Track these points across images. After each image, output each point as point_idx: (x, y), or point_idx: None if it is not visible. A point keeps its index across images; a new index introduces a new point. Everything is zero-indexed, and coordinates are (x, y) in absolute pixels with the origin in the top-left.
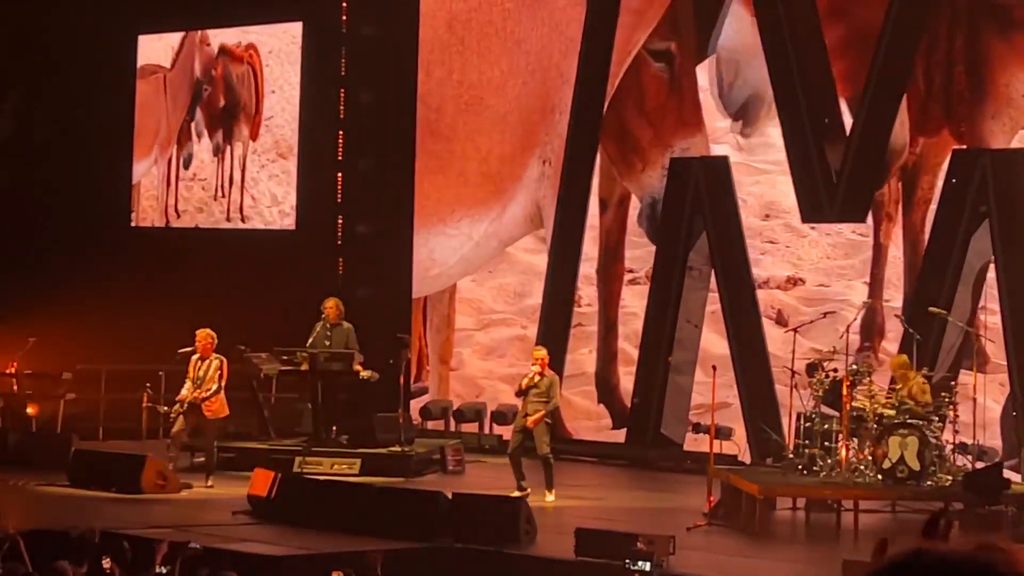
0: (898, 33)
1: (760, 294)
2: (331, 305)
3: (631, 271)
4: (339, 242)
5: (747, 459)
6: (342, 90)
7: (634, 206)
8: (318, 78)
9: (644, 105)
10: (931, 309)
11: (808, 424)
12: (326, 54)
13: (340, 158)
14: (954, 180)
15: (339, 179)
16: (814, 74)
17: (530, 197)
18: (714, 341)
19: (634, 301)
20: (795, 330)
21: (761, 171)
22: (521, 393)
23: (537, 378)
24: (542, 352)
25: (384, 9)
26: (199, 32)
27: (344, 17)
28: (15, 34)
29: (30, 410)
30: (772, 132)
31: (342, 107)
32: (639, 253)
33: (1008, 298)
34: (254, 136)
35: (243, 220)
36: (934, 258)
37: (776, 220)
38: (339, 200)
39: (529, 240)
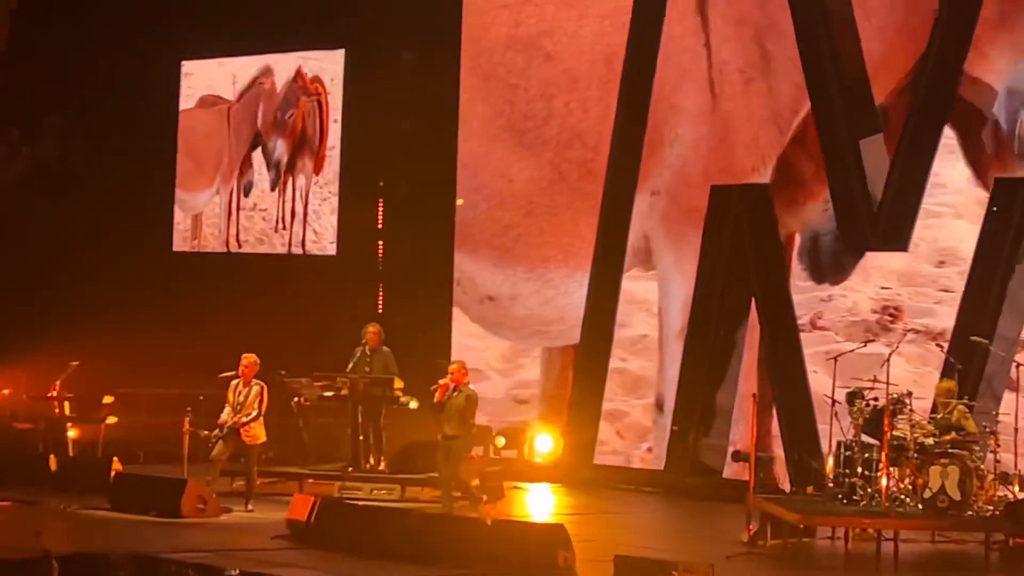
0: None
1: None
2: (372, 330)
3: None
4: (380, 267)
5: (787, 487)
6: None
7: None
8: (359, 104)
9: (806, 137)
10: (972, 338)
11: (848, 453)
12: (367, 80)
13: (382, 184)
14: (995, 208)
15: (380, 205)
16: None
17: (637, 230)
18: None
19: None
20: (835, 359)
21: (934, 213)
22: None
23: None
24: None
25: (425, 34)
26: (265, 63)
27: (385, 44)
28: (57, 57)
29: (71, 433)
30: (944, 172)
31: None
32: (801, 298)
33: None
34: (318, 169)
35: (304, 252)
36: (977, 286)
37: (952, 267)
38: (380, 226)
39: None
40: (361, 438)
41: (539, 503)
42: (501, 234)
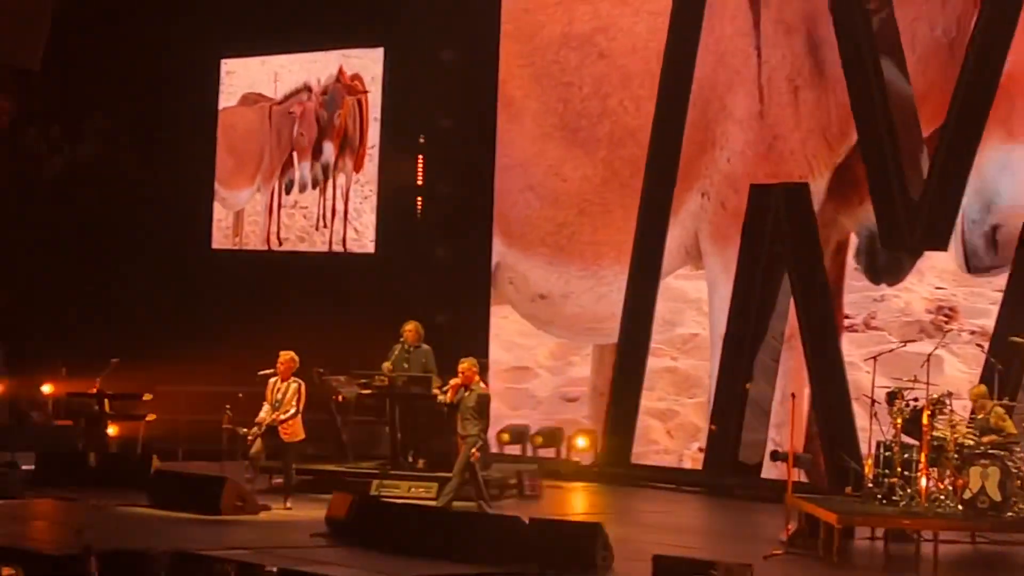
0: None
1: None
2: (410, 328)
3: (848, 317)
4: (419, 265)
5: (825, 488)
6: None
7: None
8: (399, 103)
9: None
10: (1012, 339)
11: (888, 453)
12: (407, 79)
13: (420, 183)
14: None
15: (418, 203)
16: None
17: (688, 229)
18: (792, 368)
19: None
20: (875, 358)
21: None
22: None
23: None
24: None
25: (465, 33)
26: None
27: (425, 42)
28: (98, 57)
29: (111, 430)
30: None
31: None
32: (854, 298)
33: None
34: (358, 168)
35: (345, 251)
36: (1018, 287)
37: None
38: (419, 224)
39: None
40: (399, 436)
41: (577, 502)
42: (555, 232)
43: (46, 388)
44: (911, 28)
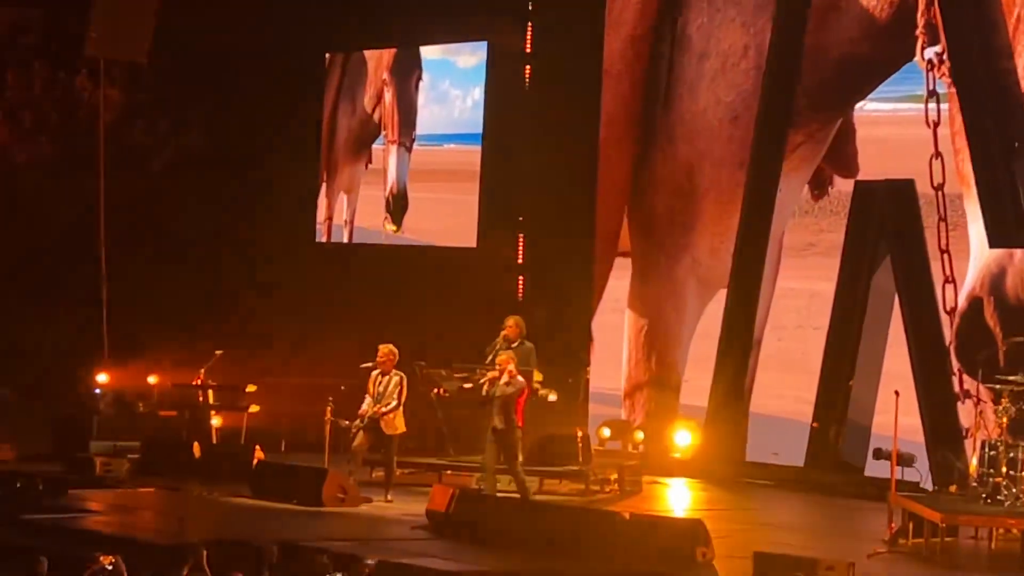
0: None
1: None
2: (512, 323)
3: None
4: (520, 260)
5: (929, 486)
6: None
7: None
8: (502, 98)
9: None
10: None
11: (993, 452)
12: (510, 74)
13: (522, 177)
14: None
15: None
16: None
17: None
18: (897, 365)
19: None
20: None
21: None
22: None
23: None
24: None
25: (569, 29)
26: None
27: (528, 36)
28: (207, 50)
29: (215, 422)
30: None
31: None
32: None
33: None
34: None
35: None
36: None
37: None
38: (520, 219)
39: None
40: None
41: (677, 498)
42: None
43: (151, 379)
44: None
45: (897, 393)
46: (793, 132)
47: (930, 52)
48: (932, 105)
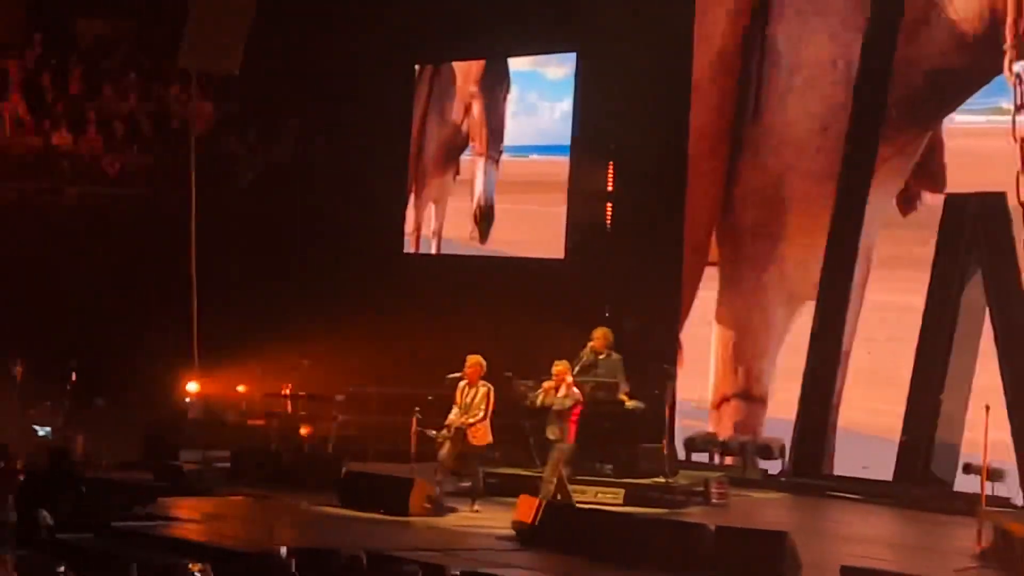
0: None
1: None
2: (600, 335)
3: None
4: (608, 271)
5: (1020, 501)
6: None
7: None
8: (590, 108)
9: None
10: None
11: None
12: (599, 85)
13: (610, 189)
14: None
15: (608, 210)
16: None
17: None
18: (986, 379)
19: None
20: None
21: None
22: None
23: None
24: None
25: (658, 40)
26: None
27: (619, 48)
28: (297, 62)
29: (303, 431)
30: None
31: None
32: None
33: None
34: None
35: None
36: None
37: None
38: (609, 231)
39: None
40: (586, 441)
41: (764, 512)
42: None
43: (240, 388)
44: None
45: (988, 408)
46: (883, 145)
47: (1018, 66)
48: (1020, 119)
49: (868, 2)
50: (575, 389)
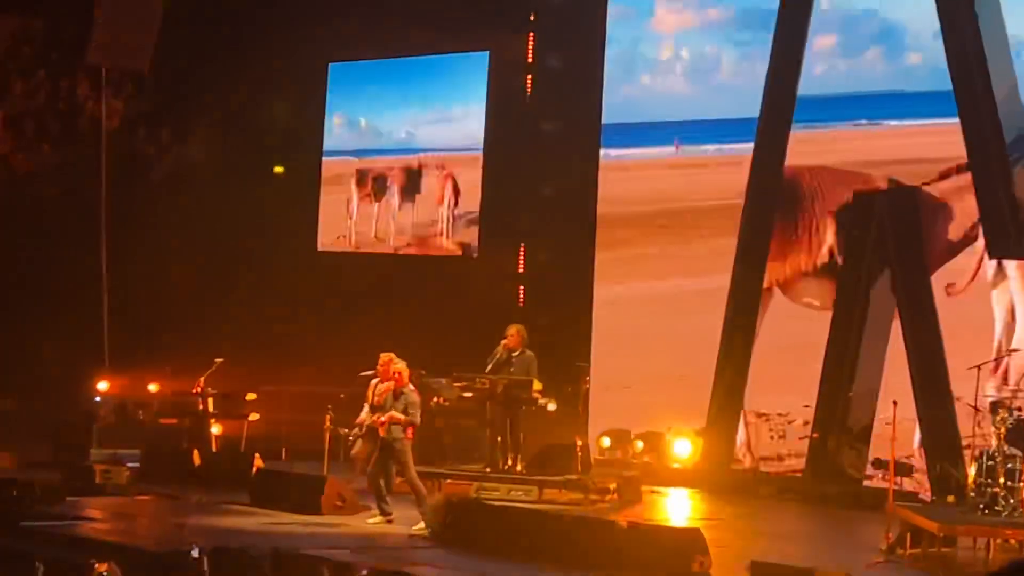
0: None
1: None
2: (513, 332)
3: None
4: (521, 270)
5: (927, 496)
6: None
7: None
8: (502, 107)
9: None
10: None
11: (991, 463)
12: (510, 83)
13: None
14: None
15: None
16: None
17: None
18: (895, 376)
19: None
20: (978, 367)
21: None
22: None
23: None
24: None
25: (570, 39)
26: None
27: (531, 46)
28: (206, 59)
29: (215, 429)
30: None
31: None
32: None
33: None
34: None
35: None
36: None
37: None
38: (521, 227)
39: None
40: (499, 439)
41: (676, 507)
42: None
43: (152, 387)
44: None
45: (895, 403)
46: None
47: None
48: None
49: None
50: (411, 387)
